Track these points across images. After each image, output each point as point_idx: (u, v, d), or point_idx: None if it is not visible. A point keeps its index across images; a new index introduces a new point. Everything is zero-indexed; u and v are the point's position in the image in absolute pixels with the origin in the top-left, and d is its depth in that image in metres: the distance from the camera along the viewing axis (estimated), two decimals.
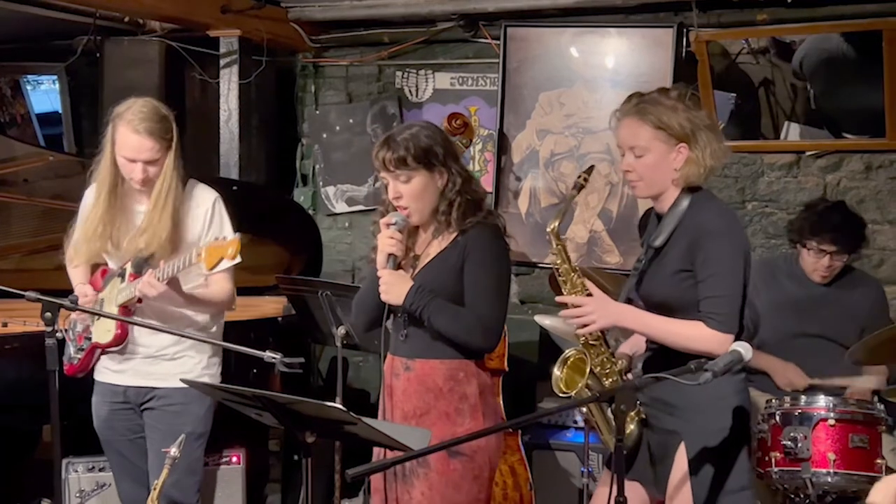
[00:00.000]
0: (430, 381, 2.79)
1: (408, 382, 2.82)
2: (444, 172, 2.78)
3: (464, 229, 2.78)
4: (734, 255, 2.67)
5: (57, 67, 5.74)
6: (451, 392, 2.78)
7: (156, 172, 3.19)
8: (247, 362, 3.76)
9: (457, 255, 2.78)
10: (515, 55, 4.98)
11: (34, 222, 4.29)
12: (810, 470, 3.29)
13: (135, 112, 3.15)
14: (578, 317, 2.70)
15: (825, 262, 3.76)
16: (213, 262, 2.94)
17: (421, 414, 2.79)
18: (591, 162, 4.87)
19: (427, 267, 2.82)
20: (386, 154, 2.76)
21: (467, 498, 2.78)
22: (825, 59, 4.45)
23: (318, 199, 5.60)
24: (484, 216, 2.82)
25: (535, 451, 4.32)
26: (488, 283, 2.77)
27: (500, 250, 2.81)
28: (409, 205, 2.79)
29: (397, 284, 2.76)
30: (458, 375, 2.79)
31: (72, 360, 3.38)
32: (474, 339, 2.77)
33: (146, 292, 3.10)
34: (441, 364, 2.79)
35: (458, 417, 2.78)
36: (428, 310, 2.73)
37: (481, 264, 2.76)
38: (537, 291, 5.09)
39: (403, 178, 2.77)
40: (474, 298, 2.76)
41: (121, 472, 3.43)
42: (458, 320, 2.74)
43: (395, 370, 2.86)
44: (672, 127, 2.67)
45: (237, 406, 2.56)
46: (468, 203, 2.79)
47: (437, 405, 2.78)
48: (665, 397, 2.72)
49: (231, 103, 5.25)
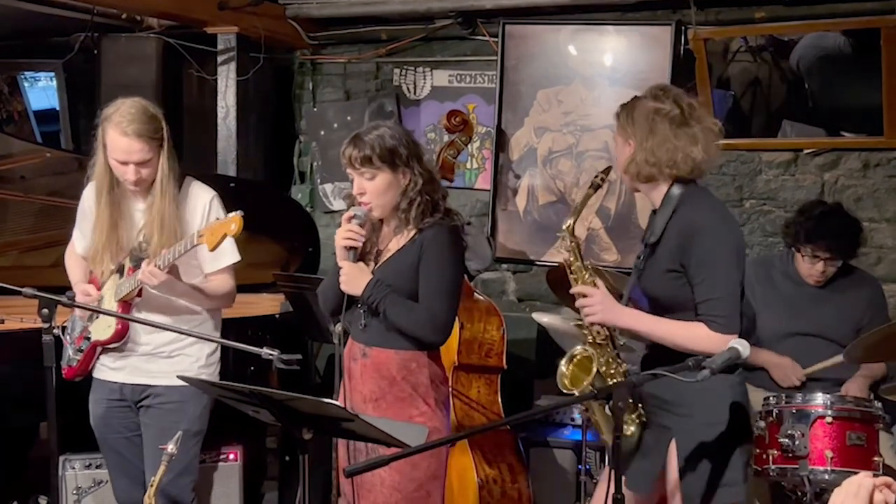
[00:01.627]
0: (384, 370, 2.95)
1: (364, 368, 2.98)
2: (407, 172, 2.94)
3: (421, 228, 2.93)
4: (727, 253, 2.67)
5: (54, 64, 5.73)
6: (404, 380, 2.94)
7: (149, 173, 3.18)
8: (244, 359, 3.76)
9: (414, 253, 2.93)
10: (513, 52, 4.98)
11: (31, 219, 4.28)
12: (808, 467, 3.28)
13: (123, 114, 3.13)
14: (583, 306, 2.75)
15: (819, 268, 3.75)
16: (215, 241, 2.95)
17: (377, 398, 2.96)
18: (589, 159, 4.90)
19: (386, 262, 2.98)
20: (353, 152, 2.92)
21: (426, 474, 2.95)
22: (822, 56, 4.45)
23: (315, 197, 5.60)
24: (441, 217, 2.96)
25: (532, 449, 4.32)
26: (441, 282, 2.92)
27: (454, 250, 2.96)
28: (372, 201, 2.94)
29: (357, 277, 2.93)
30: (411, 365, 2.94)
31: (70, 363, 3.38)
32: (425, 333, 2.93)
33: (147, 281, 3.10)
34: (395, 354, 2.94)
35: (412, 401, 2.95)
36: (384, 303, 2.89)
37: (435, 263, 2.91)
38: (535, 289, 5.09)
39: (368, 176, 2.92)
40: (427, 295, 2.91)
41: (117, 469, 3.42)
42: (411, 315, 2.90)
43: (353, 355, 3.01)
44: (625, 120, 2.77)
45: (234, 403, 2.56)
46: (427, 203, 2.94)
47: (391, 391, 2.95)
48: (659, 393, 2.73)
49: (228, 100, 5.25)
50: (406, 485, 2.92)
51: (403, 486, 2.92)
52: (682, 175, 2.72)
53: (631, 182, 2.82)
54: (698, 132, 2.72)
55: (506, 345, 4.18)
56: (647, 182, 2.76)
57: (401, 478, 2.91)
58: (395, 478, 2.91)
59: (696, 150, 2.71)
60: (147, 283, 3.12)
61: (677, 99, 2.75)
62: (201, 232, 2.99)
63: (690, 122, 2.72)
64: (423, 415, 2.93)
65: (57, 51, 5.61)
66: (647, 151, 2.70)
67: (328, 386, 3.92)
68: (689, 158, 2.70)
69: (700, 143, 2.71)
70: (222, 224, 2.96)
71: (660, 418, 2.74)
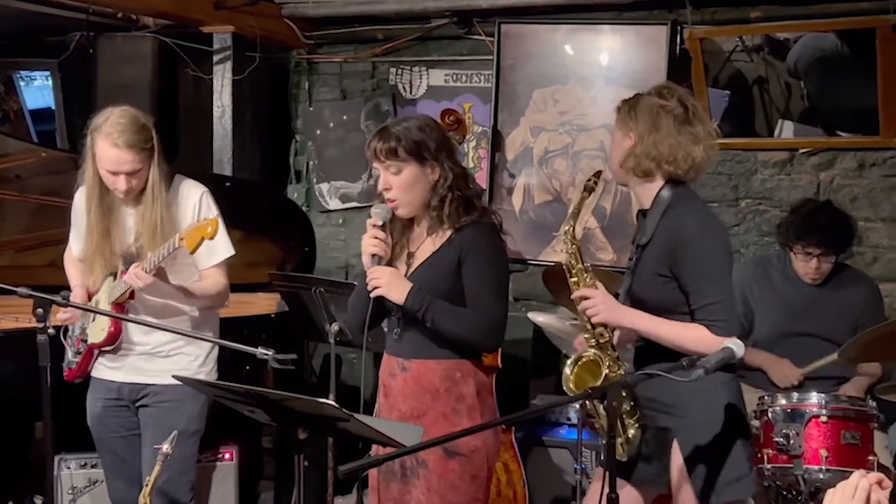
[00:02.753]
0: (427, 382, 2.77)
1: (405, 383, 2.80)
2: (436, 167, 2.77)
3: (458, 228, 2.77)
4: (718, 257, 2.68)
5: (50, 63, 5.72)
6: (448, 392, 2.77)
7: (139, 182, 3.17)
8: (240, 359, 3.76)
9: (452, 255, 2.76)
10: (509, 52, 4.98)
11: (26, 219, 4.28)
12: (802, 466, 3.29)
13: (112, 124, 3.10)
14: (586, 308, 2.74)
15: (813, 265, 3.76)
16: (193, 243, 2.94)
17: (418, 415, 2.77)
18: (585, 159, 4.90)
19: (422, 266, 2.81)
20: (378, 144, 2.75)
21: (465, 498, 2.77)
22: (819, 57, 4.45)
23: (311, 196, 5.60)
24: (479, 215, 2.80)
25: (528, 448, 4.32)
26: (490, 283, 2.76)
27: (497, 249, 2.81)
28: (398, 197, 2.77)
29: (397, 284, 2.73)
30: (455, 375, 2.78)
31: (70, 365, 3.39)
32: (480, 338, 2.77)
33: (133, 283, 3.10)
34: (437, 364, 2.77)
35: (455, 418, 2.76)
36: (431, 311, 2.71)
37: (481, 264, 2.75)
38: (531, 289, 5.09)
39: (394, 170, 2.75)
40: (477, 298, 2.74)
41: (112, 469, 3.42)
42: (463, 321, 2.73)
43: (391, 370, 2.85)
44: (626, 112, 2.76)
45: (230, 403, 2.55)
46: (460, 200, 2.78)
47: (435, 406, 2.77)
48: (656, 396, 2.73)
49: (224, 100, 5.25)
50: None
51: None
52: (678, 173, 2.73)
53: (625, 176, 2.80)
54: (700, 132, 2.73)
55: None
56: (642, 177, 2.76)
57: (440, 501, 2.74)
58: (435, 501, 2.74)
59: (697, 149, 2.72)
60: (133, 286, 3.11)
61: (682, 98, 2.76)
62: (182, 235, 2.98)
63: (693, 121, 2.73)
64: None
65: (53, 50, 5.60)
66: (649, 145, 2.70)
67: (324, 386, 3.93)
68: (689, 157, 2.71)
69: (701, 144, 2.72)
70: (199, 227, 2.94)
71: (659, 421, 2.75)
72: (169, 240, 3.06)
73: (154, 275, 3.09)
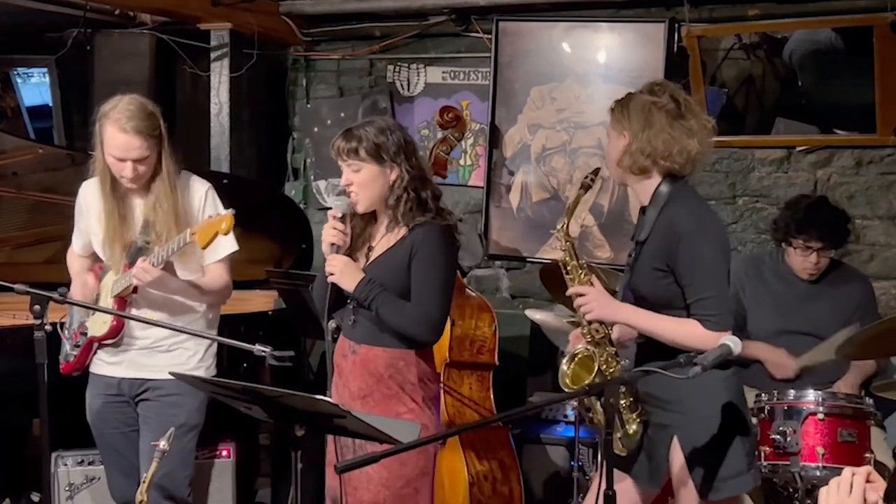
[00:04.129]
0: (373, 367, 2.94)
1: (353, 365, 2.97)
2: (395, 168, 2.93)
3: (412, 227, 2.92)
4: (714, 253, 2.68)
5: (47, 60, 5.71)
6: (391, 378, 2.94)
7: (146, 170, 3.18)
8: (237, 356, 3.76)
9: (404, 252, 2.91)
10: (507, 49, 4.98)
11: (23, 215, 4.27)
12: (799, 464, 3.30)
13: (121, 111, 3.12)
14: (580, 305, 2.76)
15: (812, 259, 3.76)
16: (206, 238, 2.96)
17: (364, 395, 2.95)
18: (582, 156, 4.90)
19: (377, 261, 2.97)
20: (341, 143, 2.94)
21: (414, 471, 2.94)
22: (815, 53, 4.46)
23: (309, 193, 5.60)
24: (433, 216, 2.94)
25: (525, 445, 4.33)
26: (434, 281, 2.91)
27: (445, 249, 2.95)
28: (358, 193, 2.94)
29: (348, 271, 2.92)
30: (398, 364, 2.94)
31: (67, 358, 3.38)
32: (419, 331, 2.92)
33: (141, 278, 3.10)
34: (383, 352, 2.93)
35: (400, 399, 2.94)
36: (377, 301, 2.88)
37: (427, 262, 2.90)
38: (528, 286, 5.09)
39: (354, 168, 2.93)
40: (420, 294, 2.90)
41: (112, 465, 3.42)
42: (404, 313, 2.89)
43: (343, 351, 3.01)
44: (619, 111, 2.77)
45: (227, 400, 2.56)
46: (415, 200, 2.93)
47: (379, 388, 2.94)
48: (655, 392, 2.74)
49: (222, 97, 5.25)
50: (394, 481, 2.90)
51: (392, 483, 2.90)
52: (675, 168, 2.73)
53: (623, 175, 2.81)
54: (694, 125, 2.74)
55: (498, 341, 4.18)
56: (640, 174, 2.76)
57: (389, 474, 2.89)
58: (384, 474, 2.89)
59: (692, 143, 2.72)
60: (140, 280, 3.12)
61: (673, 93, 2.77)
62: (193, 230, 2.99)
63: (686, 115, 2.74)
64: (410, 412, 2.92)
65: (50, 47, 5.59)
66: (643, 142, 2.71)
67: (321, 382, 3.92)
68: (684, 151, 2.71)
69: (696, 137, 2.73)
70: (213, 223, 2.96)
71: (659, 417, 2.75)
72: (179, 235, 3.06)
73: (162, 269, 3.10)
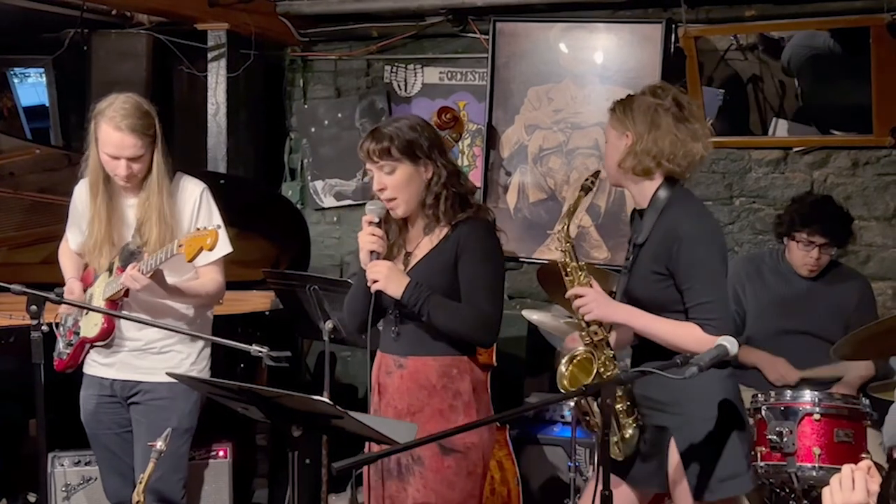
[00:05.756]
0: (423, 378, 2.79)
1: (401, 380, 2.81)
2: (430, 165, 2.78)
3: (455, 225, 2.78)
4: (713, 257, 2.68)
5: (44, 60, 5.70)
6: (445, 389, 2.78)
7: (139, 169, 3.18)
8: (234, 356, 3.76)
9: (449, 251, 2.77)
10: (504, 50, 4.98)
11: (20, 216, 4.28)
12: (795, 464, 3.30)
13: (116, 109, 3.12)
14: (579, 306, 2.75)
15: (814, 255, 3.77)
16: (192, 252, 2.94)
17: (414, 412, 2.78)
18: (579, 157, 4.90)
19: (420, 263, 2.81)
20: (371, 145, 2.76)
21: (461, 495, 2.79)
22: (812, 55, 4.46)
23: (306, 194, 5.59)
24: (475, 211, 2.81)
25: (522, 446, 4.32)
26: (485, 279, 2.78)
27: (493, 245, 2.82)
28: (394, 196, 2.77)
29: (395, 278, 2.73)
30: (452, 372, 2.79)
31: (60, 356, 3.38)
32: (476, 333, 2.78)
33: (130, 285, 3.10)
34: (434, 361, 2.78)
35: (452, 414, 2.78)
36: (427, 305, 2.71)
37: (477, 260, 2.76)
38: (526, 286, 5.09)
39: (387, 170, 2.76)
40: (473, 294, 2.76)
41: (107, 466, 3.42)
42: (459, 315, 2.74)
43: (386, 368, 2.85)
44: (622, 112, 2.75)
45: (223, 400, 2.55)
46: (455, 197, 2.79)
47: (431, 402, 2.78)
48: (651, 394, 2.74)
49: (219, 97, 5.24)
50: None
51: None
52: (677, 170, 2.73)
53: (623, 176, 2.79)
54: (698, 129, 2.74)
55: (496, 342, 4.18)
56: (642, 176, 2.75)
57: (437, 498, 2.75)
58: (431, 498, 2.75)
59: (698, 146, 2.72)
60: (130, 287, 3.11)
61: (676, 97, 2.76)
62: (181, 242, 2.98)
63: (690, 118, 2.74)
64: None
65: (47, 47, 5.58)
66: (650, 143, 2.70)
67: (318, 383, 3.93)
68: (689, 154, 2.71)
69: (701, 141, 2.73)
70: (200, 237, 2.93)
71: (656, 419, 2.76)
72: (167, 245, 3.06)
73: (151, 277, 3.09)
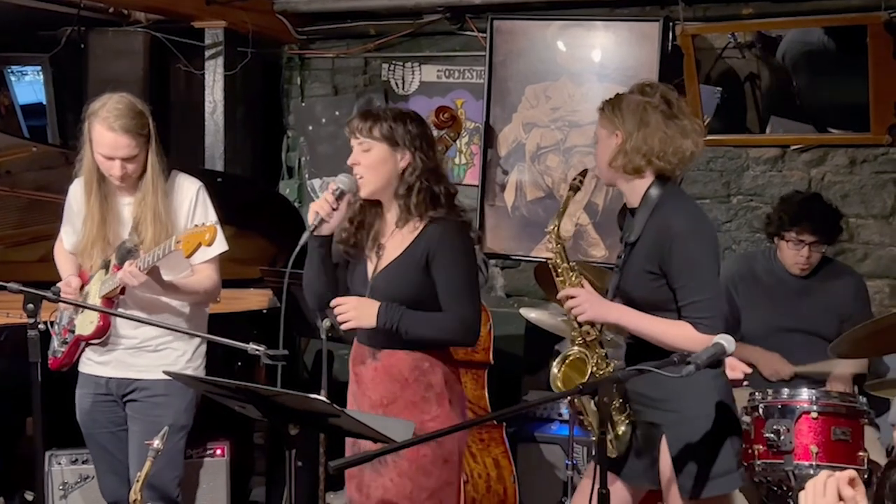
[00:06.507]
0: (396, 371, 2.84)
1: (374, 371, 2.88)
2: (407, 154, 2.82)
3: (428, 221, 2.81)
4: (706, 255, 2.68)
5: (41, 58, 5.69)
6: (417, 382, 2.83)
7: (134, 169, 3.18)
8: (231, 355, 3.76)
9: (420, 254, 2.81)
10: (502, 48, 4.98)
11: (17, 214, 4.27)
12: (793, 462, 3.30)
13: (109, 109, 3.12)
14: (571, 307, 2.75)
15: (805, 254, 3.77)
16: (190, 248, 2.94)
17: (388, 403, 2.84)
18: (577, 155, 4.90)
19: (391, 266, 2.85)
20: (357, 121, 2.86)
21: (437, 483, 2.84)
22: (807, 52, 4.46)
23: (303, 192, 5.59)
24: (447, 211, 2.84)
25: (519, 444, 4.32)
26: (460, 281, 2.82)
27: (465, 247, 2.86)
28: (363, 174, 2.84)
29: (366, 311, 2.79)
30: (423, 365, 2.84)
31: (55, 354, 3.37)
32: (457, 337, 2.86)
33: (127, 282, 3.10)
34: (406, 355, 2.84)
35: (425, 405, 2.84)
36: (403, 324, 2.77)
37: (449, 263, 2.80)
38: (523, 285, 5.09)
39: (365, 147, 2.83)
40: (450, 299, 2.80)
41: (103, 465, 3.42)
42: (437, 325, 2.81)
43: (361, 358, 2.92)
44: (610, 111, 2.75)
45: (220, 398, 2.55)
46: (428, 191, 2.82)
47: (404, 394, 2.84)
48: (645, 391, 2.75)
49: (216, 95, 5.24)
50: (418, 494, 2.81)
51: (415, 496, 2.81)
52: (668, 168, 2.73)
53: (614, 175, 2.80)
54: (688, 126, 2.74)
55: (492, 340, 4.18)
56: (633, 174, 2.75)
57: (413, 486, 2.80)
58: (407, 486, 2.80)
59: (688, 143, 2.72)
60: (128, 284, 3.11)
61: (664, 94, 2.76)
62: (179, 238, 2.98)
63: (679, 115, 2.74)
64: (435, 419, 2.81)
65: (44, 45, 5.58)
66: (639, 141, 2.70)
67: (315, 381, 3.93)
68: (679, 151, 2.71)
69: (690, 137, 2.73)
70: (198, 233, 2.95)
71: (648, 416, 2.76)
72: (165, 241, 3.06)
73: (148, 273, 3.09)
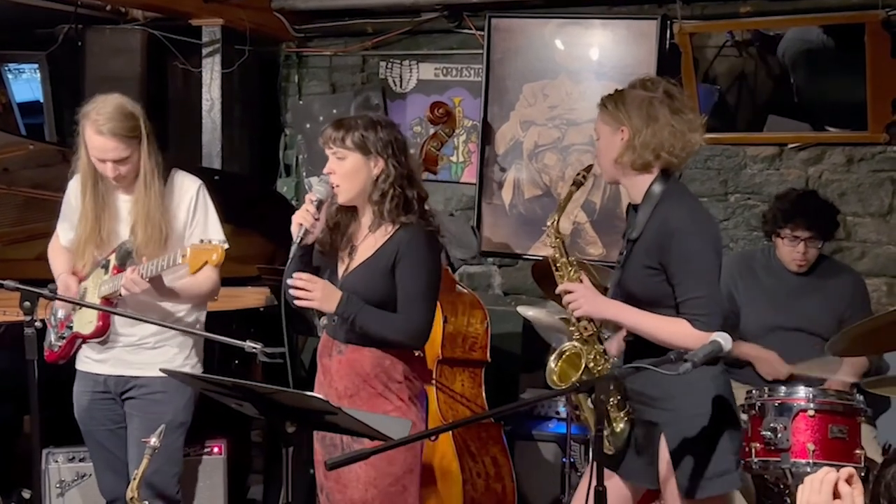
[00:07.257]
0: (359, 367, 2.96)
1: (339, 364, 2.99)
2: (380, 162, 2.92)
3: (398, 228, 2.91)
4: (706, 252, 2.67)
5: (38, 56, 5.69)
6: (377, 377, 2.95)
7: (128, 169, 3.18)
8: (229, 352, 3.76)
9: (388, 257, 2.91)
10: (499, 46, 4.98)
11: (14, 212, 4.27)
12: (790, 460, 3.30)
13: (99, 112, 3.12)
14: (569, 302, 2.75)
15: (801, 249, 3.78)
16: (196, 265, 2.97)
17: (351, 394, 2.96)
18: (574, 153, 4.91)
19: (360, 267, 2.96)
20: (330, 131, 2.95)
21: (401, 469, 2.95)
22: (806, 51, 4.47)
23: (301, 190, 5.58)
24: (417, 217, 2.93)
25: (517, 442, 4.33)
26: (418, 290, 2.92)
27: (430, 255, 2.95)
28: (339, 183, 2.94)
29: (329, 296, 2.90)
30: (385, 363, 2.95)
31: (52, 347, 3.37)
32: (404, 340, 2.95)
33: (130, 289, 3.10)
34: (369, 352, 2.95)
35: (386, 397, 2.96)
36: (359, 318, 2.89)
37: (411, 270, 2.90)
38: (521, 283, 5.10)
39: (339, 156, 2.93)
40: (406, 303, 2.91)
41: (101, 462, 3.41)
42: (386, 324, 2.91)
43: (328, 350, 3.03)
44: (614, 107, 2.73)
45: (218, 396, 2.55)
46: (401, 197, 2.92)
47: (365, 387, 2.96)
48: (643, 389, 2.74)
49: (214, 93, 5.24)
50: (382, 480, 2.91)
51: (379, 482, 2.91)
52: (675, 162, 2.73)
53: (620, 171, 2.77)
54: (693, 119, 2.73)
55: (490, 338, 4.18)
56: (640, 170, 2.73)
57: (377, 473, 2.90)
58: (371, 473, 2.90)
59: (696, 136, 2.72)
60: (129, 291, 3.11)
61: (667, 89, 2.74)
62: (185, 253, 2.99)
63: (684, 109, 2.73)
64: (397, 409, 2.93)
65: (41, 42, 5.58)
66: (648, 136, 2.68)
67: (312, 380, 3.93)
68: (688, 144, 2.71)
69: (697, 131, 2.73)
70: (206, 251, 2.97)
71: (647, 415, 2.76)
72: (171, 253, 3.06)
73: (149, 281, 3.10)
